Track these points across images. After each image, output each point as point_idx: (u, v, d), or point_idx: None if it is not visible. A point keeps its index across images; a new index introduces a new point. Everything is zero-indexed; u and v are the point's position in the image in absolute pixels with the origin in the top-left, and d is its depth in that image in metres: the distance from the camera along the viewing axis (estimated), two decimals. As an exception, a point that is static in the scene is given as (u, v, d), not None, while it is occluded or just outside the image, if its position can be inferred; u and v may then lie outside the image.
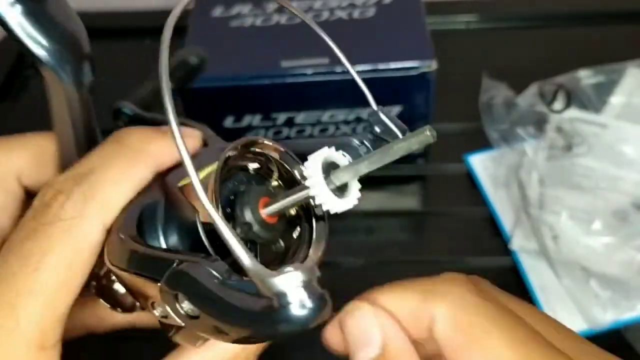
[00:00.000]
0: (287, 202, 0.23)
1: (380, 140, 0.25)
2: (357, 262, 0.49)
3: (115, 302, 0.27)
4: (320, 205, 0.22)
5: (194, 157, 0.26)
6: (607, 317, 0.44)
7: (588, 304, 0.44)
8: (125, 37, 0.68)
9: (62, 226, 0.24)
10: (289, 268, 0.18)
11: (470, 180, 0.53)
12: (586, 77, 0.55)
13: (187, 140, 0.26)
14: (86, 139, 0.28)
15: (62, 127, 0.28)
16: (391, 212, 0.53)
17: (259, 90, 0.48)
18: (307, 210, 0.25)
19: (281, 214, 0.24)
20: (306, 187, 0.22)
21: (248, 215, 0.23)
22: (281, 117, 0.50)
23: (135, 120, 0.39)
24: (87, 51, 0.26)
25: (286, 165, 0.25)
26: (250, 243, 0.23)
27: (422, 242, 0.53)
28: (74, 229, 0.24)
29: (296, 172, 0.25)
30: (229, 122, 0.50)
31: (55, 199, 0.24)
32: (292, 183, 0.25)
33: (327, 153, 0.22)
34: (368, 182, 0.23)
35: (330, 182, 0.22)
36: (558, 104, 0.54)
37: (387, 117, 0.25)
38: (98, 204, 0.24)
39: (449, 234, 0.52)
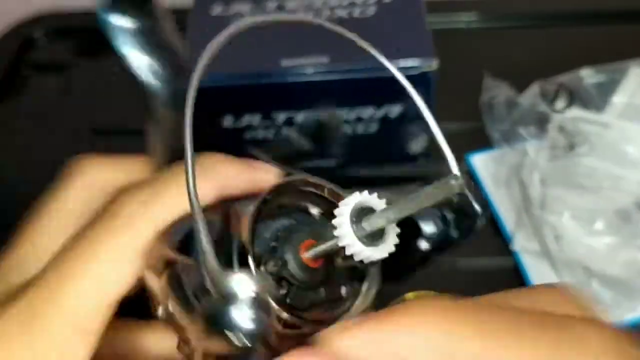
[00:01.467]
0: (320, 249, 0.22)
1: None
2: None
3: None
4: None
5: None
6: (609, 318, 0.43)
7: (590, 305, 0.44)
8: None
9: (122, 219, 0.26)
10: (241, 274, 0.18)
11: (471, 180, 0.53)
12: (588, 76, 0.55)
13: (262, 174, 0.28)
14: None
15: (161, 150, 0.28)
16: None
17: (259, 89, 0.48)
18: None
19: (328, 261, 0.23)
20: (335, 237, 0.21)
21: (288, 256, 0.23)
22: (281, 117, 0.49)
23: None
24: (185, 64, 0.25)
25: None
26: (283, 280, 0.23)
27: (422, 242, 0.53)
28: (136, 220, 0.26)
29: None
30: (228, 121, 0.49)
31: (119, 202, 0.27)
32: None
33: (359, 199, 0.21)
34: (369, 183, 0.22)
35: (361, 229, 0.21)
36: (560, 104, 0.53)
37: (468, 188, 0.24)
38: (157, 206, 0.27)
39: (449, 234, 0.51)
